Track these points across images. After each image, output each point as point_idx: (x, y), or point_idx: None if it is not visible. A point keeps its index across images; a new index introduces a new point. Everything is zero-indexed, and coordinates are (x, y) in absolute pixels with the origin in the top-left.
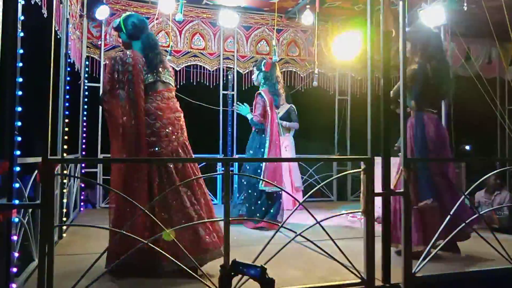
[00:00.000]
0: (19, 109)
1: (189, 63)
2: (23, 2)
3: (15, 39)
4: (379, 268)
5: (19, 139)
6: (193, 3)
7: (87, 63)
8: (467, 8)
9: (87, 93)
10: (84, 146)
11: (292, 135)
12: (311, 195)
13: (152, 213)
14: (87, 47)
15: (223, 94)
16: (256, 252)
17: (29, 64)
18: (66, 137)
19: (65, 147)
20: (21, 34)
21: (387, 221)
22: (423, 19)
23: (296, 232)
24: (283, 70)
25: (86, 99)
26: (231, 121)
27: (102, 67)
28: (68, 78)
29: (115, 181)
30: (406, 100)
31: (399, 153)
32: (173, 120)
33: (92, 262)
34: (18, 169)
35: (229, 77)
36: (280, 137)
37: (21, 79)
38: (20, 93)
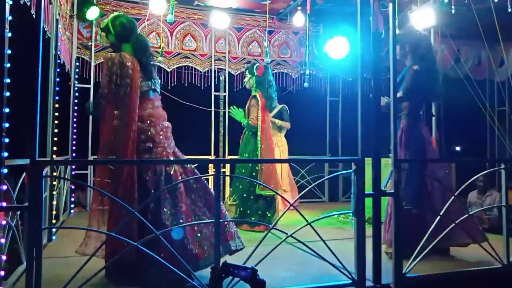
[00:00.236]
0: (7, 110)
1: (180, 64)
2: (11, 2)
3: (3, 39)
4: (370, 268)
5: (6, 140)
6: (184, 4)
7: (77, 64)
8: (457, 10)
9: (77, 94)
10: (74, 148)
11: (283, 135)
12: (303, 196)
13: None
14: (77, 48)
15: (215, 95)
16: (247, 254)
17: (17, 65)
18: (56, 138)
19: (55, 148)
20: (9, 35)
21: (377, 222)
22: (413, 21)
23: (287, 233)
24: (274, 71)
25: (76, 100)
26: (223, 123)
27: (93, 68)
28: (58, 79)
29: (102, 184)
30: (395, 101)
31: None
32: (165, 128)
33: (81, 264)
34: (5, 171)
35: (221, 78)
36: (273, 137)
37: (8, 80)
38: (8, 94)
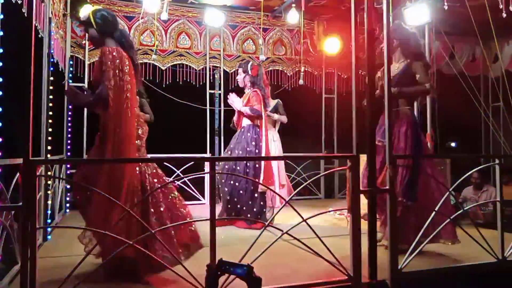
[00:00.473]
0: (0, 109)
1: (175, 62)
2: (2, 1)
3: None
4: (365, 265)
5: (0, 140)
6: (178, 2)
7: (71, 63)
8: (451, 7)
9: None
10: (69, 147)
11: (277, 129)
12: (299, 193)
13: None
14: (71, 46)
15: (210, 93)
16: (243, 251)
17: (10, 64)
18: (50, 137)
19: (49, 148)
20: (1, 33)
21: (373, 218)
22: (407, 17)
23: (283, 231)
24: (269, 69)
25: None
26: (218, 120)
27: (87, 67)
28: (52, 78)
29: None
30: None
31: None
32: (146, 130)
33: (76, 264)
34: None
35: (216, 76)
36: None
37: (1, 79)
38: (1, 93)
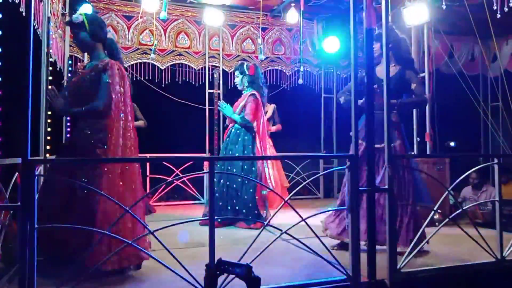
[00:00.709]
0: None
1: (174, 62)
2: (0, 0)
3: None
4: (364, 264)
5: None
6: (177, 1)
7: (70, 62)
8: (450, 6)
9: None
10: None
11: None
12: (298, 192)
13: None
14: (70, 46)
15: (209, 92)
16: (242, 251)
17: (8, 63)
18: (49, 137)
19: (48, 147)
20: None
21: (371, 218)
22: (406, 17)
23: (282, 230)
24: (269, 68)
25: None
26: (217, 120)
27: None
28: (51, 78)
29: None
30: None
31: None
32: None
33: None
34: None
35: (215, 75)
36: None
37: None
38: None
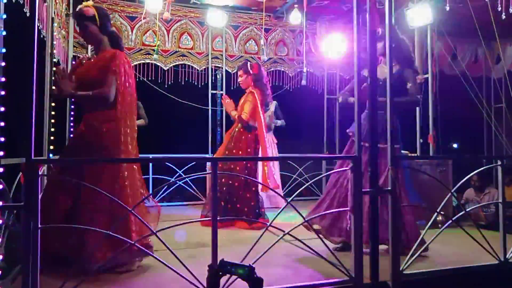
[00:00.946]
0: (2, 109)
1: (177, 63)
2: (5, 1)
3: None
4: (367, 266)
5: (2, 139)
6: (180, 2)
7: (73, 62)
8: (453, 7)
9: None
10: None
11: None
12: (300, 193)
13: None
14: (73, 46)
15: (212, 93)
16: (244, 252)
17: (12, 63)
18: (52, 137)
19: (51, 147)
20: (4, 33)
21: (374, 219)
22: (409, 18)
23: (284, 231)
24: (271, 69)
25: (73, 99)
26: (220, 121)
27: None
28: (54, 78)
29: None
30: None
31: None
32: None
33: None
34: (1, 170)
35: (218, 76)
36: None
37: (3, 79)
38: (3, 93)
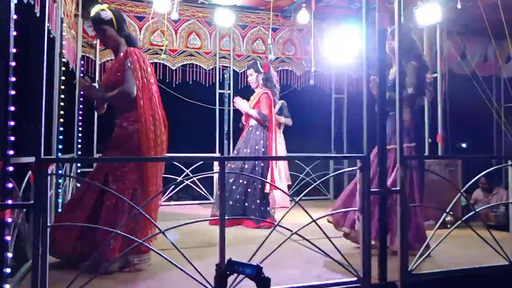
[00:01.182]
0: (12, 108)
1: (185, 62)
2: (15, 1)
3: (8, 38)
4: (375, 266)
5: (12, 138)
6: (188, 2)
7: (82, 62)
8: (463, 6)
9: (82, 92)
10: (79, 146)
11: (281, 131)
12: (308, 193)
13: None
14: (82, 46)
15: (220, 93)
16: (251, 251)
17: (22, 63)
18: (61, 136)
19: (60, 146)
20: (14, 33)
21: (383, 219)
22: (418, 17)
23: (292, 231)
24: (279, 69)
25: (81, 99)
26: (227, 120)
27: (98, 66)
28: (63, 78)
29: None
30: (400, 98)
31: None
32: None
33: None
34: (11, 169)
35: (225, 76)
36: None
37: (14, 79)
38: (13, 92)
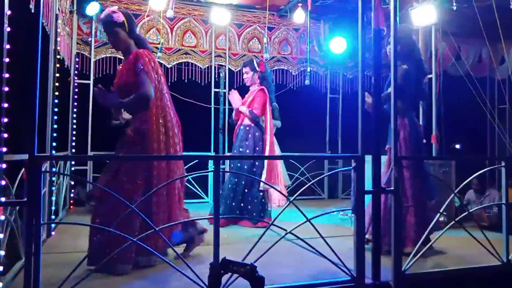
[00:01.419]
0: (6, 105)
1: (180, 61)
2: None
3: (1, 34)
4: (369, 266)
5: (5, 135)
6: (184, 0)
7: (77, 59)
8: (458, 8)
9: (77, 90)
10: (74, 144)
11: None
12: (303, 192)
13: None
14: (77, 43)
15: (215, 91)
16: (246, 250)
17: (16, 60)
18: (55, 134)
19: (54, 144)
20: (8, 29)
21: (377, 219)
22: (413, 18)
23: (287, 230)
24: (275, 68)
25: (76, 96)
26: (222, 119)
27: (93, 64)
28: (58, 75)
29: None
30: (397, 100)
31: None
32: None
33: (80, 260)
34: (4, 166)
35: (221, 74)
36: None
37: (7, 75)
38: (7, 89)
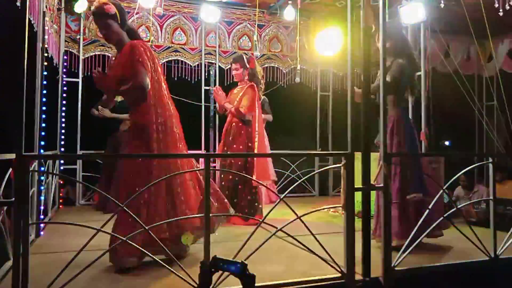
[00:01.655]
0: None
1: (170, 58)
2: None
3: None
4: (359, 262)
5: None
6: None
7: (65, 57)
8: (446, 5)
9: (65, 88)
10: (63, 143)
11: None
12: (293, 190)
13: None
14: (65, 41)
15: (205, 89)
16: (237, 248)
17: (3, 58)
18: (43, 133)
19: (42, 143)
20: None
21: (366, 216)
22: (402, 16)
23: (277, 228)
24: (265, 66)
25: (64, 94)
26: (213, 117)
27: (81, 62)
28: (46, 73)
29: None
30: (385, 95)
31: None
32: None
33: (69, 260)
34: None
35: (211, 72)
36: None
37: None
38: None
